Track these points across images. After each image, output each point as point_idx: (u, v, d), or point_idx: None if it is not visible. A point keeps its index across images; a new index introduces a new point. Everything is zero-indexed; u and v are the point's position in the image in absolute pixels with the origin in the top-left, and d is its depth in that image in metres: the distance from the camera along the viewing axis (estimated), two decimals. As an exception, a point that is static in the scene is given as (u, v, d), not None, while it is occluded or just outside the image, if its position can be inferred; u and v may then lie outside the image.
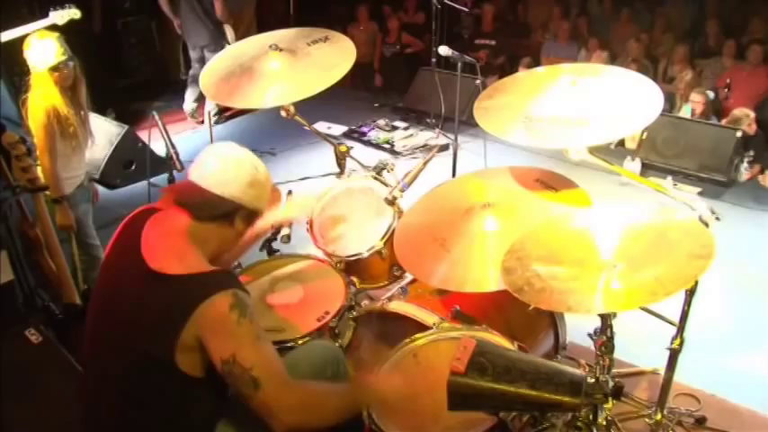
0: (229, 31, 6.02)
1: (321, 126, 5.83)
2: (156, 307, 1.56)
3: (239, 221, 1.76)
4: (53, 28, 3.51)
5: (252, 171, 1.74)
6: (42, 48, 2.94)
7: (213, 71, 2.81)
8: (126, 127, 5.07)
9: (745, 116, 5.18)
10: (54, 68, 2.95)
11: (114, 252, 1.73)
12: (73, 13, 3.72)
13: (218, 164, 1.72)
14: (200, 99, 6.28)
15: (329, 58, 2.76)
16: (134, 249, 1.62)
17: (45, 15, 3.69)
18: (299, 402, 1.59)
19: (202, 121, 6.28)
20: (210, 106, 6.01)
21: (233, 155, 1.75)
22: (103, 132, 4.94)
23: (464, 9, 6.13)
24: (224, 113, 6.38)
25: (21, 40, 3.05)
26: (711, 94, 5.52)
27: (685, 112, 5.49)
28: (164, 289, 1.56)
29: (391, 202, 2.55)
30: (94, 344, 1.70)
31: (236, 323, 1.54)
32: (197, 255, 1.64)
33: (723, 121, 5.34)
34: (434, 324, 2.16)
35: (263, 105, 2.72)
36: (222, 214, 1.71)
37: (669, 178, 4.86)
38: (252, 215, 1.79)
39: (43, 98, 2.94)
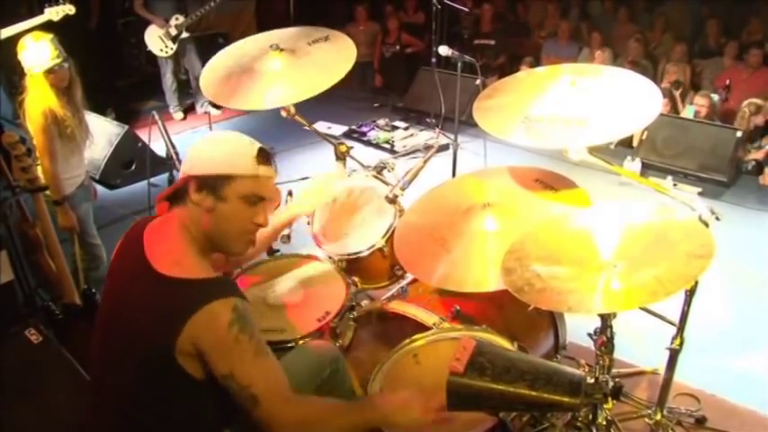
0: None
1: (321, 126, 5.83)
2: (157, 309, 1.55)
3: (231, 194, 1.62)
4: (49, 27, 3.52)
5: (209, 139, 1.69)
6: (37, 50, 2.93)
7: (213, 71, 2.80)
8: (126, 127, 5.08)
9: (752, 106, 5.15)
10: (49, 71, 2.95)
11: (119, 258, 1.73)
12: (68, 8, 3.72)
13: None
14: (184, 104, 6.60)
15: (329, 57, 2.75)
16: (138, 253, 1.62)
17: (41, 12, 3.70)
18: (301, 420, 1.57)
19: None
20: (207, 108, 6.06)
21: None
22: (103, 132, 4.95)
23: (464, 9, 6.12)
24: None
25: (18, 40, 3.05)
26: (716, 97, 5.51)
27: (688, 113, 5.48)
28: (165, 291, 1.56)
29: (392, 200, 2.55)
30: (102, 347, 1.69)
31: (235, 340, 1.51)
32: (196, 258, 1.62)
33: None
34: (434, 324, 2.16)
35: (264, 107, 2.72)
36: (207, 188, 1.61)
37: (669, 178, 4.87)
38: (241, 183, 1.63)
39: (40, 100, 2.94)
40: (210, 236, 1.66)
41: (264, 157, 1.66)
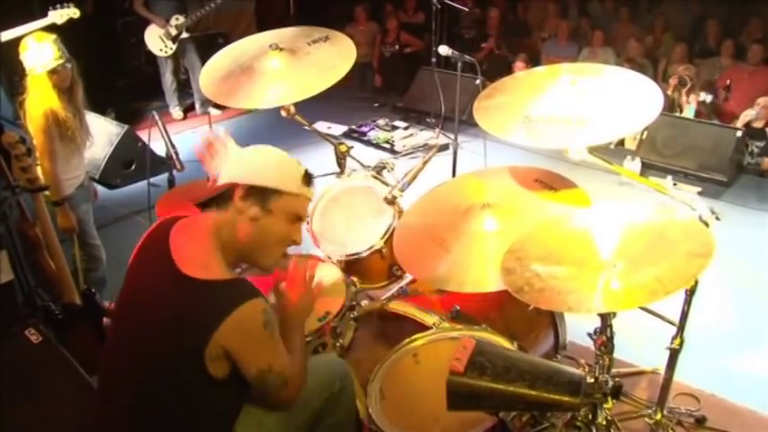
0: None
1: (321, 126, 5.83)
2: (185, 312, 1.57)
3: (277, 208, 1.69)
4: (52, 28, 3.51)
5: (258, 151, 1.75)
6: (39, 51, 2.93)
7: (213, 70, 2.81)
8: (126, 127, 5.08)
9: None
10: (52, 71, 2.95)
11: (141, 259, 1.73)
12: (72, 12, 3.71)
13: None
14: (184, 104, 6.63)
15: (329, 57, 2.76)
16: (164, 254, 1.62)
17: (44, 15, 3.69)
18: (298, 382, 1.73)
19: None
20: (209, 109, 6.07)
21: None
22: (103, 132, 4.95)
23: (464, 9, 6.12)
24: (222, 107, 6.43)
25: (19, 40, 3.05)
26: (708, 98, 5.50)
27: (688, 112, 5.48)
28: (193, 294, 1.57)
29: (391, 201, 2.55)
30: (119, 348, 1.69)
31: (270, 339, 1.63)
32: (221, 262, 1.65)
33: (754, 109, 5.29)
34: (434, 324, 2.16)
35: (263, 105, 2.72)
36: (255, 198, 1.68)
37: (669, 178, 4.86)
38: (287, 200, 1.71)
39: (41, 101, 2.94)
40: (245, 245, 1.72)
41: (309, 179, 1.77)
